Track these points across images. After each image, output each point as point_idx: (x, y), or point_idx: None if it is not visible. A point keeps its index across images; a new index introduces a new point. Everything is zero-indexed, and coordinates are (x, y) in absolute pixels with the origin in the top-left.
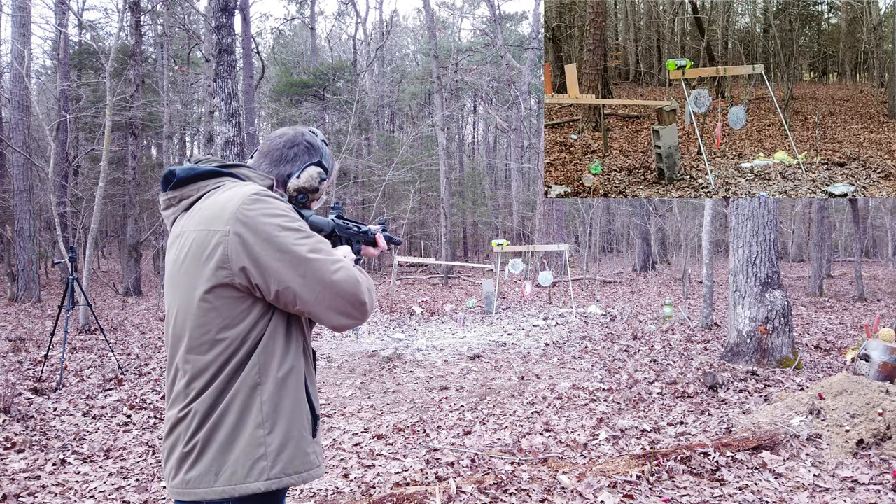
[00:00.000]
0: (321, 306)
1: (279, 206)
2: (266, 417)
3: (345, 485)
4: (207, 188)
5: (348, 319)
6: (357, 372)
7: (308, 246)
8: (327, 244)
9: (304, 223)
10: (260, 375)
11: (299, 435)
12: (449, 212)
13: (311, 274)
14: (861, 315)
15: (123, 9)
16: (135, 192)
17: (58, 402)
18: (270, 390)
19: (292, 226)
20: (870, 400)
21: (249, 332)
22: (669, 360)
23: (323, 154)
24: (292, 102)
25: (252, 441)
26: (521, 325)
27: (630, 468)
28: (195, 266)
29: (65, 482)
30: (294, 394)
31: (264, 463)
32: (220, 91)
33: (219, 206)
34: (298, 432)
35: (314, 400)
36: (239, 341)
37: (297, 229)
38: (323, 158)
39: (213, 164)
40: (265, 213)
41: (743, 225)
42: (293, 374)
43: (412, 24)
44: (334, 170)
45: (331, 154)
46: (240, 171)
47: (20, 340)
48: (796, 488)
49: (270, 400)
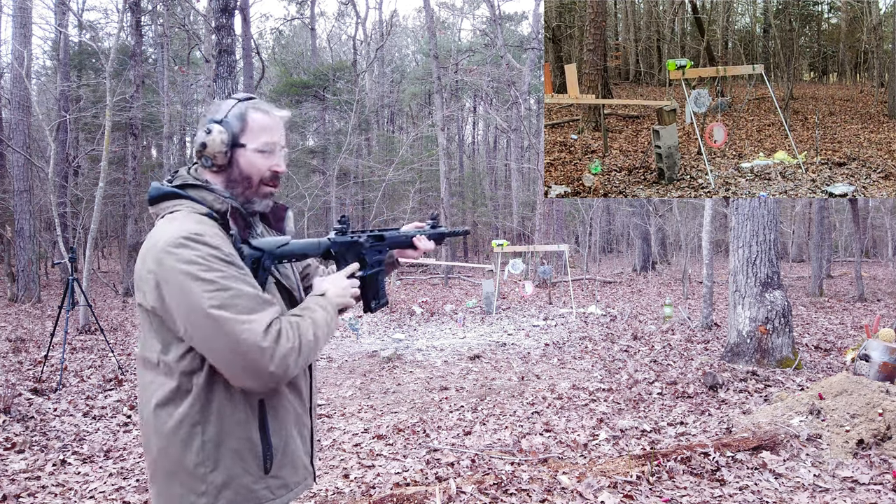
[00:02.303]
0: (219, 364)
1: (201, 251)
2: (207, 456)
3: (345, 485)
4: (166, 210)
5: (245, 383)
6: (357, 372)
7: (216, 300)
8: (248, 298)
9: (227, 271)
10: (201, 413)
11: (243, 472)
12: (449, 212)
13: (209, 331)
14: (861, 315)
15: (123, 9)
16: (135, 192)
17: (58, 403)
18: (212, 430)
19: (205, 276)
20: (870, 400)
21: (181, 360)
22: (669, 361)
23: (227, 112)
24: (292, 103)
25: (194, 477)
26: (521, 326)
27: (630, 468)
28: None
29: (65, 482)
30: (242, 430)
31: (205, 500)
32: (220, 91)
33: (153, 241)
34: (243, 470)
35: (271, 434)
36: (176, 369)
37: (211, 280)
38: (227, 116)
39: (177, 182)
40: (183, 259)
41: (743, 225)
42: (240, 411)
43: (412, 25)
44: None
45: (245, 112)
46: (198, 194)
47: (20, 341)
48: (796, 488)
49: (212, 439)
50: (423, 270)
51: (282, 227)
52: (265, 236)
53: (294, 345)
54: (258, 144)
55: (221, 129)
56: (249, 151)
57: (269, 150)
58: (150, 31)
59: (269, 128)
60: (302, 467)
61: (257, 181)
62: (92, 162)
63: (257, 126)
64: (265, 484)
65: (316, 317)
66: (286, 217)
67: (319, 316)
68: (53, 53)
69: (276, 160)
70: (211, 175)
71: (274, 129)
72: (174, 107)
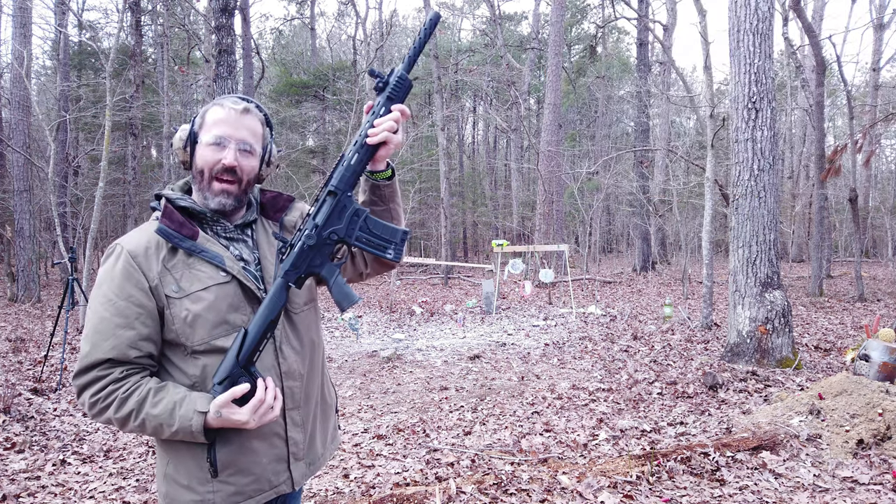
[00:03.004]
0: None
1: (106, 264)
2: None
3: (345, 485)
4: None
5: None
6: (357, 372)
7: (90, 307)
8: (100, 315)
9: (110, 285)
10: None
11: (184, 482)
12: (449, 212)
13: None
14: (861, 315)
15: (123, 9)
16: (135, 192)
17: (58, 403)
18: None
19: (100, 288)
20: (870, 400)
21: None
22: (669, 361)
23: (200, 112)
24: (292, 103)
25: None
26: (521, 326)
27: (630, 468)
28: None
29: (65, 482)
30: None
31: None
32: (220, 91)
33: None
34: (186, 479)
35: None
36: None
37: (98, 288)
38: (197, 115)
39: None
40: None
41: (743, 225)
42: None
43: (412, 24)
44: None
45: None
46: (156, 203)
47: (20, 341)
48: (796, 488)
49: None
50: (423, 270)
51: (280, 217)
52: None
53: (96, 404)
54: (209, 137)
55: (185, 126)
56: (202, 146)
57: (218, 142)
58: (149, 30)
59: (221, 121)
60: (269, 474)
61: (208, 176)
62: (92, 162)
63: (211, 120)
64: (211, 487)
65: (151, 412)
66: (290, 208)
67: (156, 411)
68: (53, 53)
69: (224, 153)
70: (187, 173)
71: (227, 122)
72: (174, 107)
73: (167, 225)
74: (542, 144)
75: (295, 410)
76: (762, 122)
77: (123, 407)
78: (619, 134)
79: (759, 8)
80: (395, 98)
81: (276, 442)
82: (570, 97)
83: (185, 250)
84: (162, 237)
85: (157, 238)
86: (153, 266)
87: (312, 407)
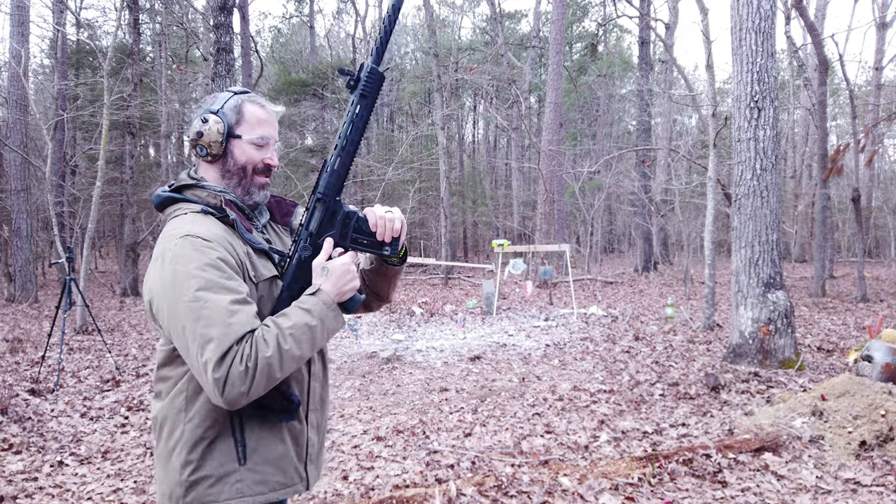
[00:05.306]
0: (192, 368)
1: (194, 248)
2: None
3: (344, 487)
4: (171, 214)
5: (209, 392)
6: (356, 373)
7: (192, 311)
8: (215, 303)
9: (214, 270)
10: (186, 403)
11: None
12: (449, 212)
13: (181, 342)
14: (864, 316)
15: (121, 7)
16: (132, 191)
17: (55, 404)
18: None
19: (194, 273)
20: (872, 401)
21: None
22: (671, 362)
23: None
24: (291, 101)
25: (175, 466)
26: (522, 326)
27: (631, 470)
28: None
29: (62, 484)
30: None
31: (179, 490)
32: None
33: (163, 244)
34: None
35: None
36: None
37: (194, 276)
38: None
39: (176, 184)
40: (177, 256)
41: (745, 225)
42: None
43: (412, 23)
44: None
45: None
46: (192, 193)
47: (17, 341)
48: (799, 490)
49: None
50: (423, 270)
51: (288, 221)
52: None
53: (248, 365)
54: (254, 137)
55: (218, 119)
56: (245, 143)
57: (263, 143)
58: (148, 29)
59: (264, 121)
60: (292, 471)
61: (251, 171)
62: (89, 161)
63: (254, 119)
64: (240, 476)
65: (284, 324)
66: (294, 213)
67: (290, 323)
68: (51, 52)
69: (269, 153)
70: (206, 165)
71: (269, 124)
72: (172, 105)
73: (239, 217)
74: (543, 143)
75: (313, 413)
76: (765, 122)
77: (268, 346)
78: (621, 133)
79: (762, 6)
80: (367, 94)
81: (301, 441)
82: (572, 96)
83: (246, 241)
84: (233, 229)
85: (225, 228)
86: (238, 248)
87: (325, 412)
